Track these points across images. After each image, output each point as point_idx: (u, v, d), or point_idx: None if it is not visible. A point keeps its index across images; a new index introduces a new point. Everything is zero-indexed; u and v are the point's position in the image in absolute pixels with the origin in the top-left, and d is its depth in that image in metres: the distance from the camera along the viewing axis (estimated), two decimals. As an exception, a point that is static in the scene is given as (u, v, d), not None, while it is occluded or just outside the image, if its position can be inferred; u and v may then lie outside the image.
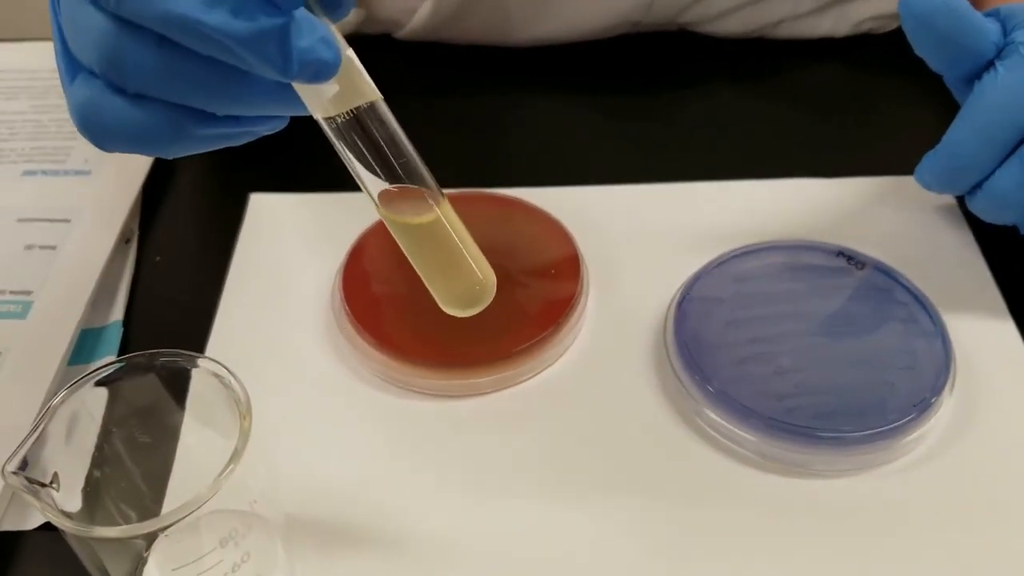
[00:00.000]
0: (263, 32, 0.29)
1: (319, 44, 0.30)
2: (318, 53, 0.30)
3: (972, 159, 0.43)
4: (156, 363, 0.37)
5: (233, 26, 0.29)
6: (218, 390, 0.36)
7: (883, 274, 0.48)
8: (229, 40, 0.29)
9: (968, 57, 0.43)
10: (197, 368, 0.37)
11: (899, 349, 0.46)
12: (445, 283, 0.36)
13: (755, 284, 0.48)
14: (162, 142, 0.33)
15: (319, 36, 0.30)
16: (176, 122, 0.32)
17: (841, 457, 0.42)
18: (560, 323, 0.47)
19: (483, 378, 0.46)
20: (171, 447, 0.40)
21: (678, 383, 0.45)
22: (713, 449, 0.44)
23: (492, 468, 0.43)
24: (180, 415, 0.39)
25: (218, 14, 0.29)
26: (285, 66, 0.29)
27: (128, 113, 0.32)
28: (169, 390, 0.38)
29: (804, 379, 0.44)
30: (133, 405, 0.38)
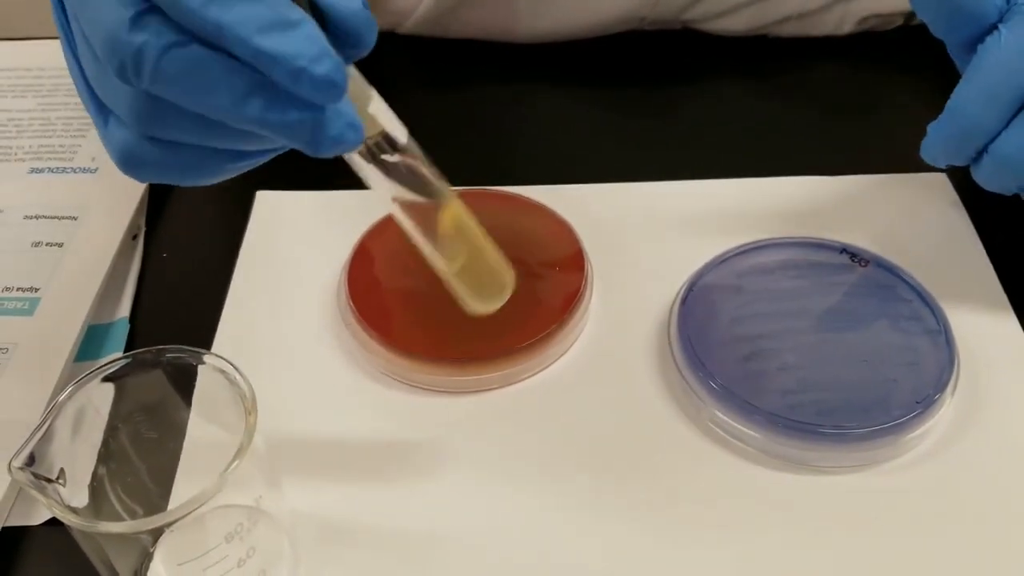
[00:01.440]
0: (295, 124, 0.30)
1: (347, 130, 0.31)
2: (345, 139, 0.31)
3: (977, 121, 0.43)
4: (162, 359, 0.37)
5: (267, 118, 0.30)
6: (224, 386, 0.36)
7: (886, 271, 0.48)
8: (263, 130, 0.30)
9: (971, 20, 0.43)
10: (203, 364, 0.37)
11: (902, 346, 0.45)
12: (473, 280, 0.37)
13: (759, 281, 0.48)
14: (201, 177, 0.35)
15: (346, 122, 0.31)
16: (212, 160, 0.34)
17: (845, 453, 0.42)
18: (564, 320, 0.47)
19: (488, 374, 0.46)
20: (177, 443, 0.40)
21: (682, 380, 0.45)
22: (717, 446, 0.44)
23: (497, 464, 0.43)
24: (186, 411, 0.39)
25: (253, 107, 0.30)
26: (314, 150, 0.31)
27: (166, 157, 0.33)
28: (175, 386, 0.38)
29: (807, 376, 0.44)
30: (139, 401, 0.38)
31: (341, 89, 0.29)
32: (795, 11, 0.64)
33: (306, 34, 0.29)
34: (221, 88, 0.30)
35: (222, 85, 0.30)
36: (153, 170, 0.34)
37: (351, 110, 0.31)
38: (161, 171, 0.34)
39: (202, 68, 0.30)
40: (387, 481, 0.43)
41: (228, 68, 0.29)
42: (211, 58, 0.29)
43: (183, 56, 0.30)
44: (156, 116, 0.32)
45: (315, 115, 0.30)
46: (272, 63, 0.29)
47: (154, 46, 0.30)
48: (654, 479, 0.43)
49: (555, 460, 0.43)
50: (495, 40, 0.66)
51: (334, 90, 0.29)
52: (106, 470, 0.38)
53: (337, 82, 0.29)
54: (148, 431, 0.38)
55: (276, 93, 0.30)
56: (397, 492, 0.42)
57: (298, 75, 0.29)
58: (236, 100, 0.30)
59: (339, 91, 0.29)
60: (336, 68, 0.29)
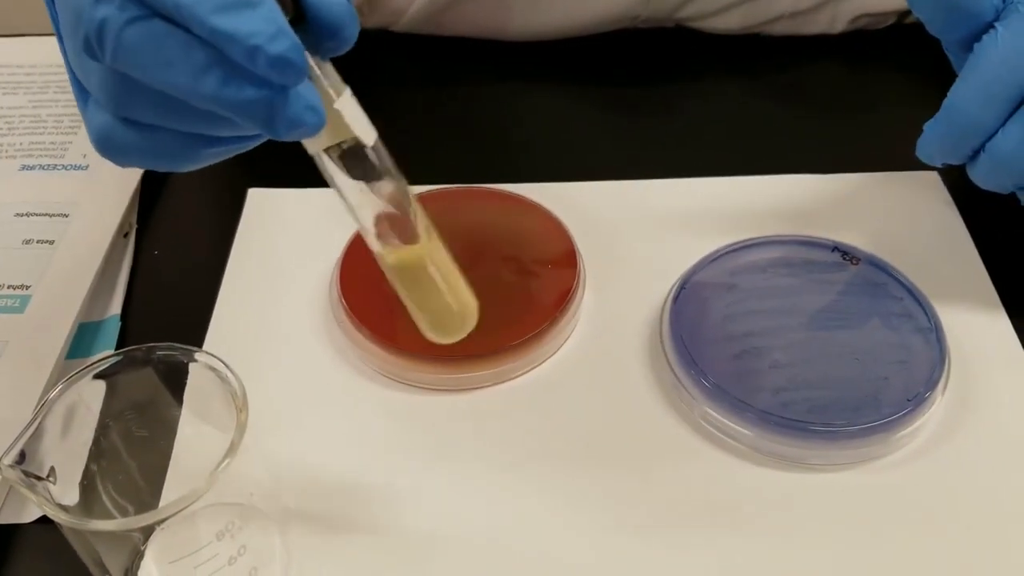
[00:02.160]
0: (251, 102, 0.30)
1: (305, 113, 0.30)
2: (304, 120, 0.30)
3: (974, 119, 0.43)
4: (153, 357, 0.37)
5: (223, 95, 0.30)
6: (215, 384, 0.36)
7: (877, 269, 0.49)
8: (221, 108, 0.30)
9: (967, 18, 0.43)
10: (194, 362, 0.37)
11: (893, 344, 0.46)
12: (429, 314, 0.37)
13: (751, 279, 0.48)
14: (176, 162, 0.35)
15: (305, 104, 0.30)
16: (187, 145, 0.34)
17: (835, 451, 0.42)
18: (557, 318, 0.47)
19: (480, 372, 0.46)
20: (168, 441, 0.40)
21: (674, 378, 0.45)
22: (709, 443, 0.44)
23: (489, 461, 0.43)
24: (177, 409, 0.39)
25: (209, 83, 0.30)
26: (272, 130, 0.31)
27: (140, 140, 0.34)
28: (166, 384, 0.38)
29: (799, 373, 0.44)
30: (130, 399, 0.38)
31: (298, 69, 0.29)
32: (787, 10, 0.64)
33: (264, 14, 0.29)
34: (179, 63, 0.30)
35: (180, 60, 0.30)
36: (129, 154, 0.34)
37: (312, 94, 0.31)
38: (137, 155, 0.34)
39: (161, 42, 0.30)
40: (379, 479, 0.43)
41: (186, 43, 0.30)
42: (170, 33, 0.30)
43: (143, 30, 0.30)
44: (124, 95, 0.32)
45: (273, 95, 0.30)
46: (228, 41, 0.29)
47: (116, 20, 0.30)
48: (646, 477, 0.43)
49: (547, 458, 0.43)
50: (489, 38, 0.66)
51: (290, 69, 0.29)
52: (97, 468, 0.38)
53: (294, 62, 0.29)
54: (139, 429, 0.38)
55: (233, 71, 0.30)
56: (389, 490, 0.42)
57: (253, 53, 0.29)
58: (193, 76, 0.30)
59: (296, 71, 0.29)
60: (293, 48, 0.29)
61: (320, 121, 0.31)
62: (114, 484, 0.38)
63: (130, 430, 0.38)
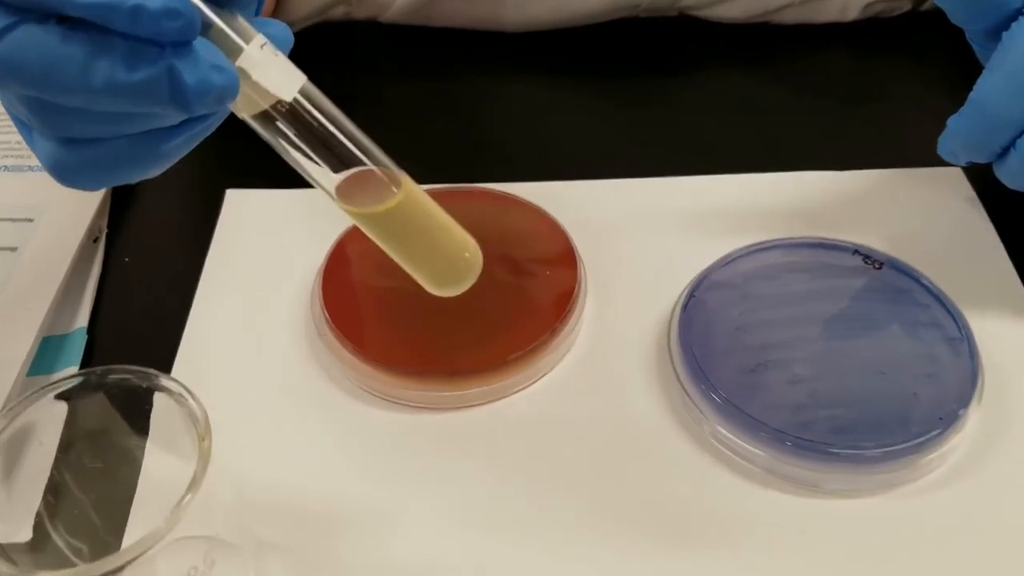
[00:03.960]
0: (148, 83, 0.28)
1: (211, 73, 0.28)
2: (212, 83, 0.28)
3: (1003, 114, 0.40)
4: (107, 381, 0.34)
5: (116, 82, 0.28)
6: (176, 409, 0.33)
7: (902, 274, 0.46)
8: (119, 100, 0.28)
9: (994, 7, 0.40)
10: (153, 385, 0.34)
11: (921, 355, 0.43)
12: (429, 264, 0.35)
13: (765, 285, 0.46)
14: (139, 168, 0.32)
15: (208, 64, 0.28)
16: (141, 148, 0.31)
17: (859, 476, 0.40)
18: (555, 329, 0.44)
19: (472, 389, 0.43)
20: (132, 472, 0.37)
21: (683, 393, 0.43)
22: (720, 465, 0.41)
23: (483, 486, 0.41)
24: (136, 437, 0.36)
25: (98, 74, 0.28)
26: (184, 107, 0.28)
27: (91, 157, 0.31)
28: (124, 409, 0.35)
29: (818, 389, 0.42)
30: (86, 425, 0.35)
31: (188, 20, 0.27)
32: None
33: None
34: (61, 63, 0.27)
35: (61, 59, 0.27)
36: (86, 173, 0.32)
37: (213, 51, 0.28)
38: (95, 173, 0.32)
39: (37, 45, 0.28)
40: (363, 507, 0.40)
41: (62, 38, 0.28)
42: (44, 32, 0.28)
43: (17, 39, 0.28)
44: (48, 113, 0.30)
45: (168, 65, 0.28)
46: (107, 12, 0.27)
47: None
48: (652, 501, 0.40)
49: (546, 481, 0.41)
50: (482, 29, 0.63)
51: (179, 20, 0.27)
52: (54, 501, 0.35)
53: (180, 11, 0.27)
54: (99, 459, 0.36)
55: (118, 53, 0.28)
56: (374, 519, 0.40)
57: (136, 15, 0.27)
58: (80, 72, 0.27)
59: (186, 22, 0.27)
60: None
61: (231, 80, 0.28)
62: (71, 520, 0.36)
63: (91, 459, 0.36)
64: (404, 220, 0.34)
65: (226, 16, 0.30)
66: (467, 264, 0.34)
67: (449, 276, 0.35)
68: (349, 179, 0.32)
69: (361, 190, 0.33)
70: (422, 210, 0.34)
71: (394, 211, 0.33)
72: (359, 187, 0.33)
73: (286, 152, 0.32)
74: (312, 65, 0.32)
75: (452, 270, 0.34)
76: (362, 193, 0.33)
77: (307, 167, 0.32)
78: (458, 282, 0.35)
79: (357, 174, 0.32)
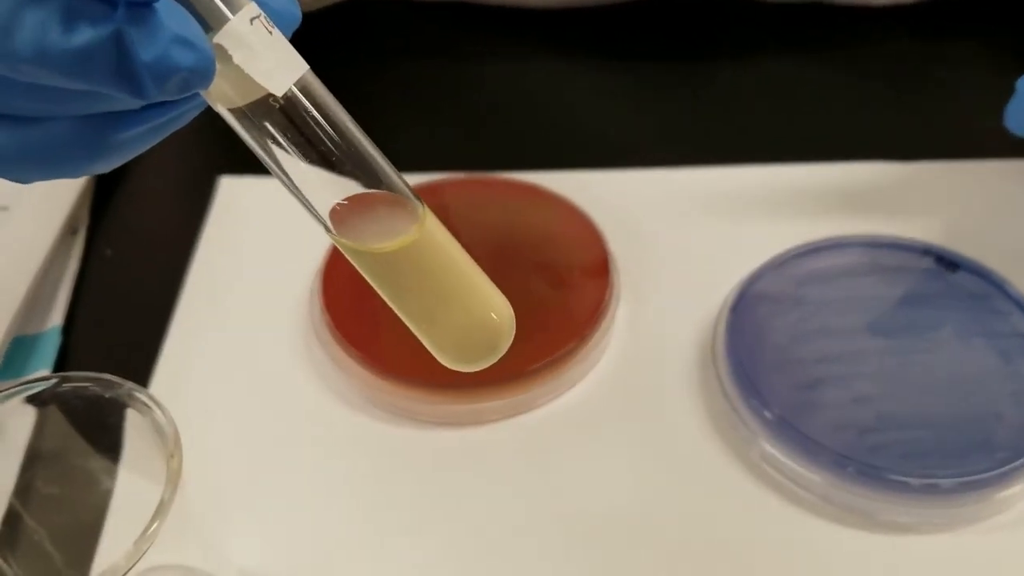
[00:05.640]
0: (87, 52, 0.21)
1: (174, 49, 0.21)
2: (174, 62, 0.21)
3: None
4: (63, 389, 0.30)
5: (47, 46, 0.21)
6: (147, 423, 0.29)
7: (979, 277, 0.42)
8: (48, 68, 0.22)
9: None
10: (116, 396, 0.29)
11: (1004, 371, 0.39)
12: (443, 328, 0.27)
13: (824, 289, 0.42)
14: (82, 162, 0.26)
15: (172, 36, 0.21)
16: (82, 136, 0.25)
17: (935, 509, 0.35)
18: (585, 336, 0.41)
19: (491, 402, 0.40)
20: (94, 495, 0.33)
21: (729, 409, 0.39)
22: (769, 491, 0.38)
23: (502, 511, 0.37)
24: (105, 457, 0.32)
25: (24, 35, 0.21)
26: (134, 90, 0.22)
27: (19, 142, 0.25)
28: (91, 424, 0.31)
29: (885, 409, 0.38)
30: (44, 444, 0.31)
31: None
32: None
33: None
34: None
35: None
36: (18, 161, 0.25)
37: (184, 18, 0.22)
38: (27, 161, 0.25)
39: None
40: (366, 533, 0.37)
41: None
42: None
43: None
44: None
45: (116, 32, 0.21)
46: None
47: None
48: (693, 530, 0.37)
49: (572, 506, 0.37)
50: (504, 6, 0.60)
51: None
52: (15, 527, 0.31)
53: None
54: (50, 484, 0.31)
55: (53, 6, 0.21)
56: (378, 547, 0.36)
57: None
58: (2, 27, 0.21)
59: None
60: None
61: (202, 61, 0.22)
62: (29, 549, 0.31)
63: (39, 484, 0.31)
64: (417, 265, 0.26)
65: None
66: (495, 333, 0.27)
67: (469, 346, 0.27)
68: (349, 203, 0.26)
69: (364, 220, 0.26)
70: (443, 254, 0.27)
71: (406, 252, 0.26)
72: (361, 215, 0.26)
73: (271, 160, 0.25)
74: (318, 45, 0.28)
75: (473, 339, 0.27)
76: (365, 224, 0.26)
77: (298, 182, 0.26)
78: (480, 356, 0.28)
79: (360, 198, 0.26)
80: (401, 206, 0.26)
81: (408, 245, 0.26)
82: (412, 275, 0.27)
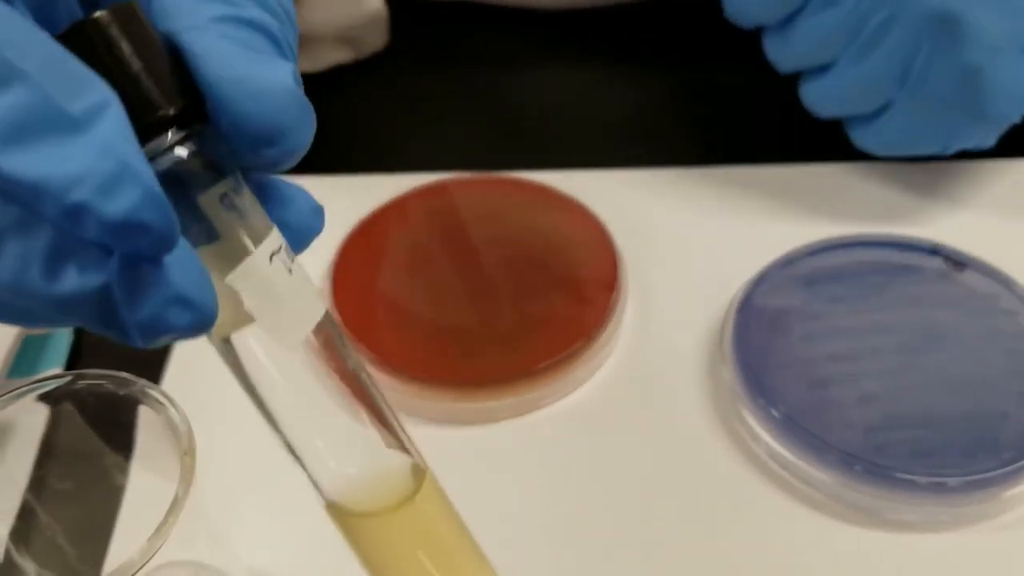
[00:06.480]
0: (70, 300, 0.19)
1: (169, 309, 0.19)
2: (167, 323, 0.19)
3: None
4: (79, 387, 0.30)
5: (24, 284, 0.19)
6: (161, 421, 0.29)
7: (988, 277, 0.41)
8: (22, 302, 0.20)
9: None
10: (131, 393, 0.29)
11: (1012, 370, 0.38)
12: None
13: (833, 288, 0.41)
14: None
15: (168, 295, 0.19)
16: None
17: (943, 507, 0.35)
18: (592, 335, 0.40)
19: (498, 401, 0.39)
20: (108, 493, 0.33)
21: (737, 409, 0.38)
22: (777, 490, 0.37)
23: (509, 511, 0.37)
24: (120, 454, 0.32)
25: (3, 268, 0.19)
26: (119, 337, 0.20)
27: None
28: (105, 422, 0.31)
29: (894, 408, 0.37)
30: (60, 440, 0.31)
31: (162, 237, 0.18)
32: None
33: (97, 140, 0.18)
34: None
35: None
36: None
37: (189, 268, 0.19)
38: None
39: None
40: None
41: None
42: None
43: None
44: None
45: (106, 285, 0.19)
46: (32, 196, 0.18)
47: None
48: (699, 530, 0.36)
49: (578, 506, 0.37)
50: (512, 6, 0.59)
51: (146, 238, 0.18)
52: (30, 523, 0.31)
53: (151, 224, 0.18)
54: (63, 480, 0.31)
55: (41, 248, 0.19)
56: None
57: (77, 215, 0.18)
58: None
59: (157, 239, 0.18)
60: (149, 201, 0.18)
61: (199, 322, 0.19)
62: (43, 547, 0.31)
63: (53, 481, 0.31)
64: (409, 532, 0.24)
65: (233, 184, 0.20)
66: None
67: None
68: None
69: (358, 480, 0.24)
70: (441, 521, 0.25)
71: (401, 516, 0.24)
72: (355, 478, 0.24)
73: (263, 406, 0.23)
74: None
75: None
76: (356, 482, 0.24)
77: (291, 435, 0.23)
78: None
79: None
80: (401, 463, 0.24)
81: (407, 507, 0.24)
82: (404, 542, 0.25)
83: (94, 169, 0.17)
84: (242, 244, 0.20)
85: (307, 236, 0.22)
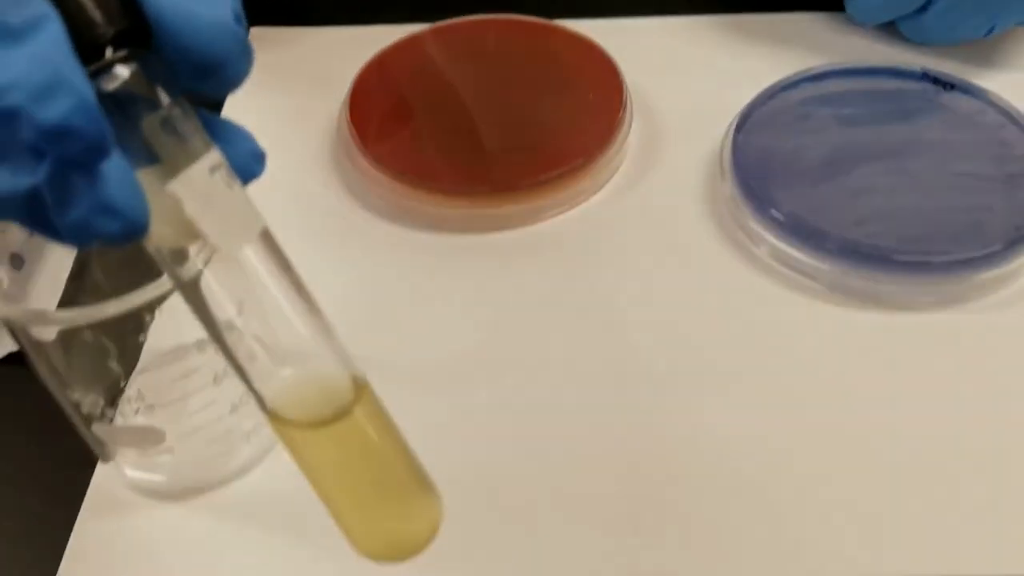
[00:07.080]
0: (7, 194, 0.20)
1: (95, 217, 0.20)
2: (95, 228, 0.20)
3: None
4: None
5: None
6: None
7: (973, 96, 0.42)
8: None
9: None
10: None
11: (997, 175, 0.40)
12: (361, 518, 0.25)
13: (827, 109, 0.43)
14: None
15: (94, 203, 0.20)
16: None
17: (927, 287, 0.37)
18: (602, 146, 0.41)
19: (510, 207, 0.40)
20: None
21: (737, 212, 0.40)
22: (779, 285, 0.38)
23: (518, 310, 0.38)
24: None
25: None
26: (52, 239, 0.21)
27: None
28: None
29: (886, 203, 0.39)
30: None
31: (93, 143, 0.19)
32: None
33: (34, 50, 0.19)
34: None
35: None
36: None
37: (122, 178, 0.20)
38: None
39: None
40: (386, 329, 0.38)
41: None
42: None
43: None
44: None
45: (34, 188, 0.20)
46: None
47: None
48: (703, 328, 0.37)
49: (588, 306, 0.38)
50: None
51: (76, 144, 0.19)
52: None
53: (82, 131, 0.19)
54: None
55: None
56: (399, 339, 0.37)
57: (11, 118, 0.19)
58: None
59: (88, 146, 0.19)
60: (81, 109, 0.19)
61: (127, 230, 0.20)
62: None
63: None
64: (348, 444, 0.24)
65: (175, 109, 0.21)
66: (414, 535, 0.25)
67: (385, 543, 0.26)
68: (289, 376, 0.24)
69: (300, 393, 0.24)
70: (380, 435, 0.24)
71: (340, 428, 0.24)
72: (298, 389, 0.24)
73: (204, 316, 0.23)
74: None
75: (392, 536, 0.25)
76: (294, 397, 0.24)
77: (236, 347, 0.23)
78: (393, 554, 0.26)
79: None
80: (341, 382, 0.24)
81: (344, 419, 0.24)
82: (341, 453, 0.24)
83: (29, 76, 0.18)
84: (183, 165, 0.21)
85: (244, 179, 0.23)
